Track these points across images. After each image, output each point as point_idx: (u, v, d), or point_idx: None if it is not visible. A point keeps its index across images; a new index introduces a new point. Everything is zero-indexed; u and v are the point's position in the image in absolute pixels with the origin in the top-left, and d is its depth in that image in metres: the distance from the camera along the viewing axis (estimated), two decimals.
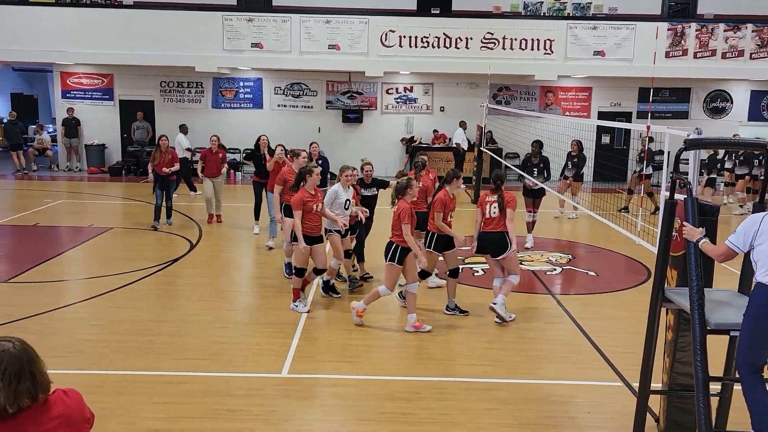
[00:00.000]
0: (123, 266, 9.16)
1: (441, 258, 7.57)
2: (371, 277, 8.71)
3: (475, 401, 5.43)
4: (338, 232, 7.72)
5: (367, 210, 8.20)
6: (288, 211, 7.96)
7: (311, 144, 10.01)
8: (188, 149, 16.27)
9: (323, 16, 17.26)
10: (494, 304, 7.10)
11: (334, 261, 7.90)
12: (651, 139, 13.71)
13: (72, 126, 18.57)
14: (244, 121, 18.78)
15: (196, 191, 15.64)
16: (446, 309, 7.51)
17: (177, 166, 11.65)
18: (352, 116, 18.99)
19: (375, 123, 19.19)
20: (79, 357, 6.13)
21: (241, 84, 19.06)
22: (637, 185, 14.22)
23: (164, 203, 11.60)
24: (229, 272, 9.39)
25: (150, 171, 11.51)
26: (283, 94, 19.09)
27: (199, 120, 18.91)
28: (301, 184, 7.31)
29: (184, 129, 16.44)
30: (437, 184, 7.95)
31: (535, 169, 11.05)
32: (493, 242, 7.16)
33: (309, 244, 7.31)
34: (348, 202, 7.79)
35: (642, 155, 14.08)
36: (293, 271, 7.61)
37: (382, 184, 8.76)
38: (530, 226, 11.00)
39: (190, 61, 17.12)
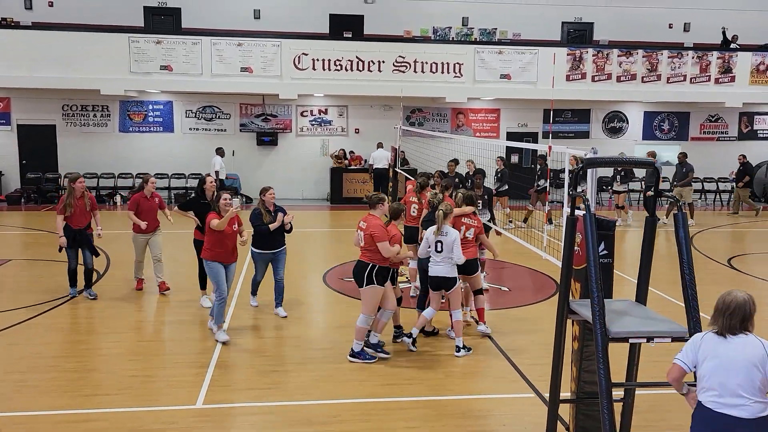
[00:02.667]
0: (22, 300, 8.63)
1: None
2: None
3: (395, 420, 5.47)
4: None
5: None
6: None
7: (268, 190, 7.87)
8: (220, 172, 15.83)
9: (235, 39, 17.11)
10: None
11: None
12: (543, 157, 14.51)
13: None
14: (154, 146, 18.27)
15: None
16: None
17: (98, 218, 8.85)
18: (267, 139, 18.84)
19: (290, 145, 19.12)
20: None
21: (150, 107, 18.52)
22: (537, 200, 14.92)
23: (82, 264, 8.77)
24: (140, 302, 9.01)
25: (60, 228, 8.42)
26: (195, 117, 18.71)
27: (105, 145, 18.29)
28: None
29: (221, 152, 16.03)
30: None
31: (480, 202, 9.36)
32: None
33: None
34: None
35: (538, 172, 14.93)
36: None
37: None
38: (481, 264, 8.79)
39: (95, 83, 16.50)
